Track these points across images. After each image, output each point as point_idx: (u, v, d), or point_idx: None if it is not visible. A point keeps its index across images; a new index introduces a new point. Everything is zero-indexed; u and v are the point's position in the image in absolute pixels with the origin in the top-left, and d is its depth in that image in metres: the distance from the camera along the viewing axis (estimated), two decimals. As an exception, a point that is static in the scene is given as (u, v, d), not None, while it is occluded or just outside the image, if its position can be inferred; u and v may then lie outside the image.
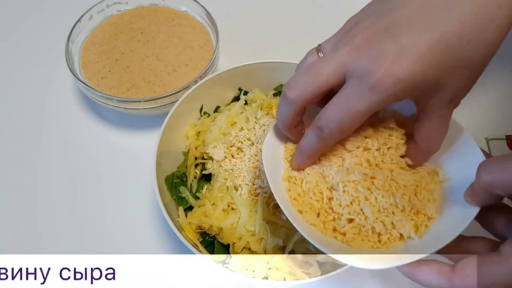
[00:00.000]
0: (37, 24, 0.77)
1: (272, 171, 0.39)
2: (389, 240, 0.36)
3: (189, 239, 0.47)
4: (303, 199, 0.38)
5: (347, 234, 0.36)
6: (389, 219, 0.36)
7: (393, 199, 0.37)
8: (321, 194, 0.38)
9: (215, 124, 0.54)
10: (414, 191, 0.38)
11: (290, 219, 0.35)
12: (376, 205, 0.36)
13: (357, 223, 0.36)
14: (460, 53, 0.31)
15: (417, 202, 0.37)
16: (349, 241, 0.36)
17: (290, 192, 0.39)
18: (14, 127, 0.65)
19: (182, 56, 0.64)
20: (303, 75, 0.35)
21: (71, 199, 0.59)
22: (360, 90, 0.32)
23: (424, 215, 0.37)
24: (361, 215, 0.36)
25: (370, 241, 0.36)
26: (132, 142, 0.64)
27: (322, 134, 0.35)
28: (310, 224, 0.37)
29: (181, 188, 0.52)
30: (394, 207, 0.36)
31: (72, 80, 0.69)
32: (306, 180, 0.38)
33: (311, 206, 0.38)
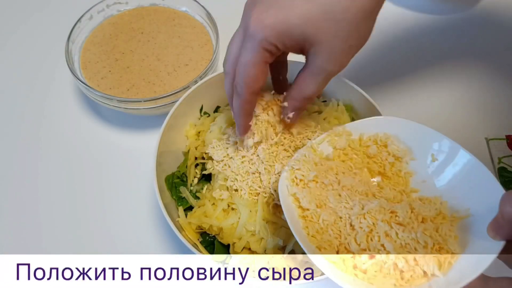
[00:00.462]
0: (37, 24, 0.77)
1: (288, 210, 0.39)
2: (412, 278, 0.35)
3: (189, 239, 0.47)
4: (321, 236, 0.38)
5: (368, 271, 0.36)
6: (411, 255, 0.35)
7: (414, 234, 0.36)
8: (339, 231, 0.38)
9: (215, 124, 0.54)
10: (435, 227, 0.38)
11: (311, 256, 0.35)
12: (398, 240, 0.36)
13: (378, 259, 0.35)
14: (331, 15, 0.37)
15: (439, 237, 0.37)
16: (370, 279, 0.35)
17: (308, 229, 0.38)
18: (14, 127, 0.65)
19: (182, 56, 0.64)
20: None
21: (71, 199, 0.59)
22: (245, 43, 0.39)
23: (447, 251, 0.36)
24: (382, 251, 0.36)
25: (392, 278, 0.35)
26: (132, 142, 0.64)
27: (237, 91, 0.42)
28: (331, 262, 0.36)
29: (181, 188, 0.52)
30: (416, 243, 0.36)
31: (72, 80, 0.69)
32: (323, 218, 0.38)
33: (330, 244, 0.37)
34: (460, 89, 0.67)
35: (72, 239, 0.56)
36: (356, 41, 0.39)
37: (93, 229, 0.57)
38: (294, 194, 0.40)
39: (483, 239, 0.35)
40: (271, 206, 0.47)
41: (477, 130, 0.63)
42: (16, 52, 0.74)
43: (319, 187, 0.41)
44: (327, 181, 0.41)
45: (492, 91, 0.67)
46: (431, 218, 0.39)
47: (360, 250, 0.36)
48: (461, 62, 0.71)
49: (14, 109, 0.67)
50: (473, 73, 0.69)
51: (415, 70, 0.70)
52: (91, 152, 0.63)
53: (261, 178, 0.47)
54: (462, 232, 0.38)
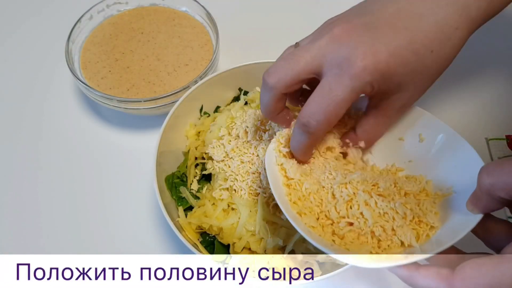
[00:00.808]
0: (37, 24, 0.77)
1: (273, 176, 0.39)
2: (389, 247, 0.36)
3: (189, 239, 0.47)
4: (303, 203, 0.38)
5: (346, 237, 0.36)
6: (389, 224, 0.36)
7: (393, 204, 0.36)
8: (321, 199, 0.38)
9: (215, 124, 0.54)
10: (417, 202, 0.38)
11: (290, 219, 0.35)
12: (376, 209, 0.36)
13: (356, 227, 0.36)
14: (424, 60, 0.36)
15: (419, 211, 0.37)
16: (347, 245, 0.36)
17: (291, 196, 0.39)
18: (14, 127, 0.65)
19: (182, 56, 0.64)
20: (282, 62, 0.37)
21: (71, 199, 0.59)
22: (342, 79, 0.34)
23: (426, 224, 0.37)
24: (360, 219, 0.36)
25: (369, 246, 0.36)
26: (132, 142, 0.64)
27: (308, 129, 0.36)
28: (309, 227, 0.37)
29: (181, 188, 0.52)
30: (395, 213, 0.36)
31: (72, 80, 0.69)
32: (305, 186, 0.39)
33: (310, 210, 0.38)
34: (460, 89, 0.67)
35: (72, 239, 0.56)
36: (430, 86, 0.39)
37: (93, 229, 0.57)
38: (281, 164, 0.40)
39: (462, 214, 0.35)
40: (271, 206, 0.47)
41: (477, 130, 0.63)
42: (16, 52, 0.74)
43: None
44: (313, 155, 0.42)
45: (492, 91, 0.67)
46: (414, 193, 0.39)
47: (339, 217, 0.37)
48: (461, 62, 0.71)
49: (14, 109, 0.67)
50: (473, 73, 0.69)
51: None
52: (91, 152, 0.63)
53: (261, 178, 0.47)
54: (443, 209, 0.38)
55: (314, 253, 0.45)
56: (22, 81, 0.70)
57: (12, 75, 0.71)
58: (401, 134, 0.44)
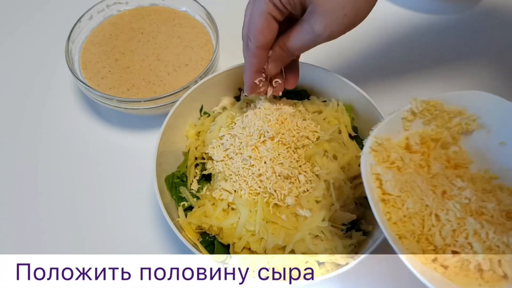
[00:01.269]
0: (37, 24, 0.77)
1: (369, 188, 0.36)
2: (492, 278, 0.34)
3: (189, 239, 0.47)
4: (404, 224, 0.36)
5: (449, 267, 0.34)
6: (497, 258, 0.34)
7: (506, 238, 0.34)
8: (423, 220, 0.35)
9: (215, 124, 0.54)
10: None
11: (392, 244, 0.33)
12: (487, 241, 0.34)
13: (462, 258, 0.34)
14: None
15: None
16: (450, 276, 0.34)
17: (390, 215, 0.36)
18: (14, 127, 0.65)
19: (182, 56, 0.64)
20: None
21: (71, 199, 0.59)
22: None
23: None
24: (468, 250, 0.34)
25: (471, 277, 0.34)
26: (132, 142, 0.64)
27: (244, 42, 0.44)
28: (411, 252, 0.34)
29: (181, 188, 0.52)
30: (505, 246, 0.34)
31: (72, 80, 0.69)
32: (407, 206, 0.36)
33: (412, 233, 0.35)
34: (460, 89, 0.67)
35: (72, 239, 0.56)
36: (352, 12, 0.39)
37: (93, 229, 0.57)
38: (378, 174, 0.37)
39: None
40: (271, 206, 0.47)
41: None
42: (16, 52, 0.74)
43: (405, 169, 0.38)
44: (414, 163, 0.39)
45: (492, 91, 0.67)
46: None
47: (444, 245, 0.34)
48: (461, 62, 0.71)
49: (14, 109, 0.67)
50: (473, 72, 0.69)
51: (415, 70, 0.70)
52: (91, 152, 0.63)
53: (261, 178, 0.47)
54: None
55: (314, 253, 0.45)
56: (22, 81, 0.70)
57: (12, 75, 0.71)
58: (503, 138, 0.40)
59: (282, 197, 0.46)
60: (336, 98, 0.55)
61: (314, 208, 0.46)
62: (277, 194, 0.46)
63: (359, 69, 0.69)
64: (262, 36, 0.42)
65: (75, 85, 0.69)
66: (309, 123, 0.51)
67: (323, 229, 0.45)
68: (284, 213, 0.46)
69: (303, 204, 0.46)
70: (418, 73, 0.69)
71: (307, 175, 0.48)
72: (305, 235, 0.45)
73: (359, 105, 0.53)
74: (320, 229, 0.45)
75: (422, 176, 0.38)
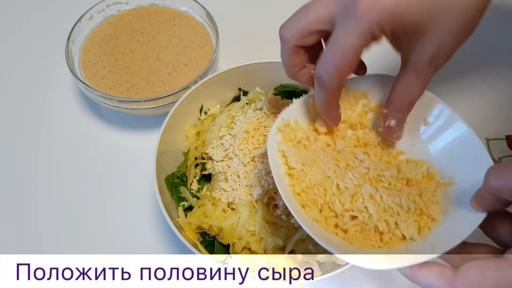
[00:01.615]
0: (37, 24, 0.77)
1: (274, 165, 0.38)
2: (391, 240, 0.36)
3: (189, 239, 0.47)
4: (307, 194, 0.38)
5: (349, 231, 0.36)
6: (393, 219, 0.36)
7: (398, 199, 0.36)
8: (325, 190, 0.37)
9: (215, 124, 0.54)
10: (419, 191, 0.38)
11: (293, 212, 0.35)
12: (382, 204, 0.36)
13: (360, 221, 0.36)
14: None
15: (421, 203, 0.37)
16: (350, 239, 0.36)
17: (294, 187, 0.38)
18: (14, 127, 0.65)
19: (182, 56, 0.64)
20: (295, 14, 0.37)
21: (71, 199, 0.59)
22: (347, 23, 0.32)
23: (427, 216, 0.37)
24: (365, 213, 0.36)
25: (371, 240, 0.36)
26: (132, 142, 0.64)
27: (322, 81, 0.35)
28: (313, 220, 0.36)
29: (181, 188, 0.52)
30: (399, 208, 0.36)
31: (72, 80, 0.69)
32: (310, 177, 0.38)
33: (314, 202, 0.37)
34: (460, 89, 0.67)
35: (72, 239, 0.56)
36: (466, 35, 0.35)
37: (93, 229, 0.57)
38: (283, 151, 0.39)
39: (464, 209, 0.35)
40: (271, 206, 0.47)
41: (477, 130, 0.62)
42: (16, 52, 0.74)
43: (311, 147, 0.41)
44: (321, 142, 0.41)
45: (492, 91, 0.67)
46: (416, 181, 0.39)
47: (343, 210, 0.36)
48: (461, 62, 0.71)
49: (14, 109, 0.67)
50: (473, 73, 0.69)
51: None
52: (91, 152, 0.63)
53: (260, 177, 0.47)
54: (444, 199, 0.38)
55: (314, 253, 0.45)
56: (22, 81, 0.70)
57: (12, 75, 0.71)
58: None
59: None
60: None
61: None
62: (277, 196, 0.47)
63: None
64: (349, 72, 0.35)
65: (75, 85, 0.69)
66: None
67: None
68: (284, 213, 0.46)
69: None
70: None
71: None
72: (305, 235, 0.45)
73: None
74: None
75: (327, 152, 0.40)
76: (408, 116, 0.39)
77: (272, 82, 0.57)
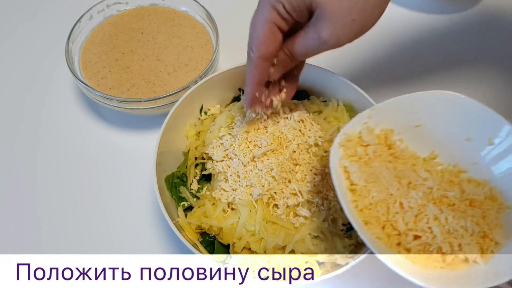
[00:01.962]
0: (37, 24, 0.77)
1: (337, 179, 0.38)
2: (454, 262, 0.36)
3: (189, 239, 0.47)
4: (369, 211, 0.38)
5: (412, 250, 0.36)
6: (457, 241, 0.36)
7: (464, 222, 0.36)
8: (388, 208, 0.38)
9: (215, 124, 0.54)
10: (483, 213, 0.37)
11: (357, 229, 0.35)
12: (446, 225, 0.36)
13: (423, 241, 0.36)
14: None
15: (484, 225, 0.37)
16: (413, 258, 0.36)
17: (357, 203, 0.38)
18: (14, 127, 0.65)
19: (182, 56, 0.64)
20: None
21: (71, 199, 0.59)
22: (259, 6, 0.40)
23: (490, 240, 0.36)
24: (429, 234, 0.36)
25: (434, 260, 0.36)
26: (132, 142, 0.64)
27: (248, 56, 0.42)
28: (376, 237, 0.36)
29: (181, 188, 0.52)
30: (464, 230, 0.36)
31: (72, 80, 0.69)
32: (373, 194, 0.38)
33: (377, 219, 0.37)
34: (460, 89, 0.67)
35: (72, 239, 0.56)
36: (360, 17, 0.37)
37: (93, 229, 0.57)
38: (345, 166, 0.40)
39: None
40: (271, 206, 0.47)
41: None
42: (16, 52, 0.74)
43: (371, 164, 0.40)
44: (379, 159, 0.41)
45: (492, 91, 0.67)
46: (479, 202, 0.38)
47: (406, 230, 0.37)
48: (461, 62, 0.71)
49: (14, 109, 0.67)
50: (473, 72, 0.69)
51: (415, 70, 0.70)
52: (91, 152, 0.63)
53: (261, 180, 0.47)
54: (507, 222, 0.37)
55: (314, 253, 0.45)
56: (22, 81, 0.70)
57: (12, 75, 0.71)
58: (469, 134, 0.42)
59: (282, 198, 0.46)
60: (336, 98, 0.55)
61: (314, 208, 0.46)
62: (277, 196, 0.47)
63: (359, 69, 0.69)
64: (264, 46, 0.40)
65: (75, 85, 0.69)
66: (309, 125, 0.51)
67: (323, 229, 0.46)
68: (284, 213, 0.46)
69: (303, 204, 0.46)
70: (417, 73, 0.69)
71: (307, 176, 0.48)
72: (305, 235, 0.45)
73: (359, 105, 0.53)
74: (320, 229, 0.45)
75: (388, 169, 0.40)
76: (286, 66, 0.44)
77: (272, 82, 0.57)
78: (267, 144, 0.48)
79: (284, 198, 0.46)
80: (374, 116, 0.42)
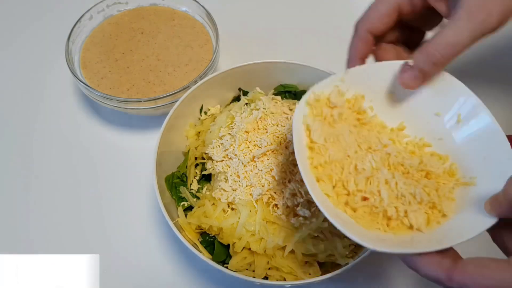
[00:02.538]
0: (37, 24, 0.77)
1: (298, 136, 0.38)
2: (398, 227, 0.36)
3: (189, 239, 0.47)
4: (324, 169, 0.38)
5: (358, 211, 0.36)
6: (403, 207, 0.36)
7: (413, 189, 0.36)
8: (342, 168, 0.38)
9: (215, 124, 0.54)
10: (437, 186, 0.38)
11: (307, 184, 0.35)
12: (395, 190, 0.36)
13: (370, 203, 0.36)
14: None
15: (435, 197, 0.37)
16: (357, 218, 0.36)
17: (313, 160, 0.38)
18: (14, 127, 0.65)
19: (182, 56, 0.64)
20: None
21: (71, 199, 0.59)
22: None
23: (439, 211, 0.37)
24: (376, 196, 0.36)
25: (378, 223, 0.36)
26: (132, 142, 0.64)
27: (355, 29, 0.40)
28: (324, 193, 0.37)
29: (181, 188, 0.52)
30: (412, 197, 0.36)
31: (72, 80, 0.69)
32: (330, 153, 0.38)
33: (329, 177, 0.38)
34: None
35: (72, 239, 0.56)
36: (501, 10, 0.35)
37: (93, 229, 0.57)
38: (308, 124, 0.39)
39: (478, 210, 0.35)
40: (271, 206, 0.47)
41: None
42: (16, 52, 0.74)
43: (335, 125, 0.40)
44: (345, 122, 0.41)
45: (492, 91, 0.67)
46: (436, 175, 0.39)
47: (356, 190, 0.37)
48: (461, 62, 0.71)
49: (14, 109, 0.67)
50: (473, 73, 0.69)
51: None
52: (91, 152, 0.63)
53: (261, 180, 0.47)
54: (461, 198, 0.38)
55: (314, 253, 0.45)
56: (22, 81, 0.70)
57: (12, 75, 0.71)
58: (439, 109, 0.42)
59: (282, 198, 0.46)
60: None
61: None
62: (277, 196, 0.47)
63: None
64: (378, 21, 0.38)
65: (75, 85, 0.69)
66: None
67: (323, 230, 0.45)
68: (284, 213, 0.46)
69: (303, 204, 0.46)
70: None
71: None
72: (305, 235, 0.45)
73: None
74: (320, 230, 0.45)
75: (351, 132, 0.40)
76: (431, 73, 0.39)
77: (272, 82, 0.57)
78: (267, 144, 0.48)
79: (284, 198, 0.46)
80: (347, 80, 0.41)
